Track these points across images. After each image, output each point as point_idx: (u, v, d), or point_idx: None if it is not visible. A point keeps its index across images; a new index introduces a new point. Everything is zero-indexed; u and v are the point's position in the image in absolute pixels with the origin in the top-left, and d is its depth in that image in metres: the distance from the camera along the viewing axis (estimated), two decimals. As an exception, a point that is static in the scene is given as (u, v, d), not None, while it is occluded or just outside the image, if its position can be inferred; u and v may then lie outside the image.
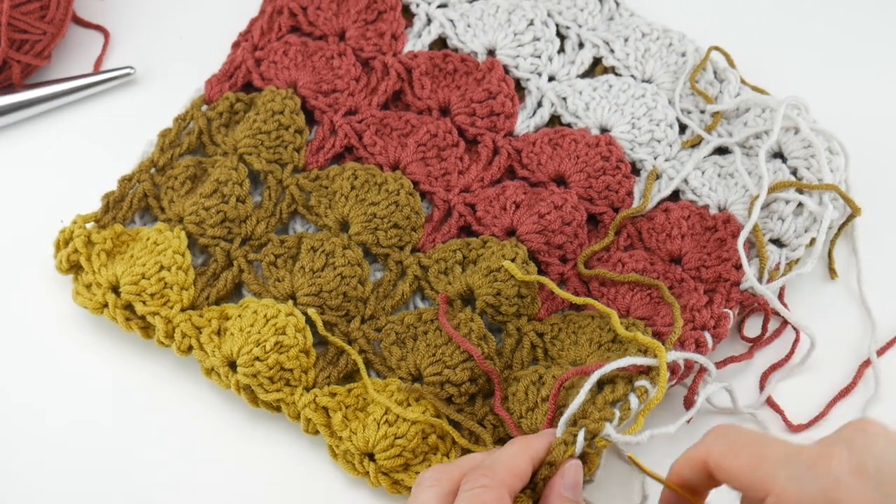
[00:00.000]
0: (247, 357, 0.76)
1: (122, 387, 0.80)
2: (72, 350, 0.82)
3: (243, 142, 0.86)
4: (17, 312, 0.84)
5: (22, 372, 0.81)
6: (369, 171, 0.85)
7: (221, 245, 0.82)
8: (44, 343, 0.82)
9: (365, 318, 0.81)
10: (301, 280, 0.80)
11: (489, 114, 0.89)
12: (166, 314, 0.79)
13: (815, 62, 0.99)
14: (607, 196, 0.86)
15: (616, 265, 0.82)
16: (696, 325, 0.79)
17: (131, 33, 0.99)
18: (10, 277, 0.85)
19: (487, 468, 0.64)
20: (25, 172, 0.91)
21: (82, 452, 0.78)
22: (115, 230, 0.82)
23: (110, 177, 0.86)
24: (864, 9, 1.03)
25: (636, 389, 0.71)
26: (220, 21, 0.98)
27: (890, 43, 1.02)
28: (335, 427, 0.76)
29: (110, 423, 0.79)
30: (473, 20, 0.94)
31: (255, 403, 0.78)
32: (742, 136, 0.88)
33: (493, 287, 0.79)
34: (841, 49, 1.00)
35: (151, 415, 0.79)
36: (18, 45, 0.91)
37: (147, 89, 0.95)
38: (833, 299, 0.87)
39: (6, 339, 0.82)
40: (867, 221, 0.88)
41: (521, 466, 0.65)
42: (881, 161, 0.92)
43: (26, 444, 0.78)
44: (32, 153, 0.92)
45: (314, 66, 0.91)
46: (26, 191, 0.89)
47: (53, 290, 0.84)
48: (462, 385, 0.77)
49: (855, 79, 0.98)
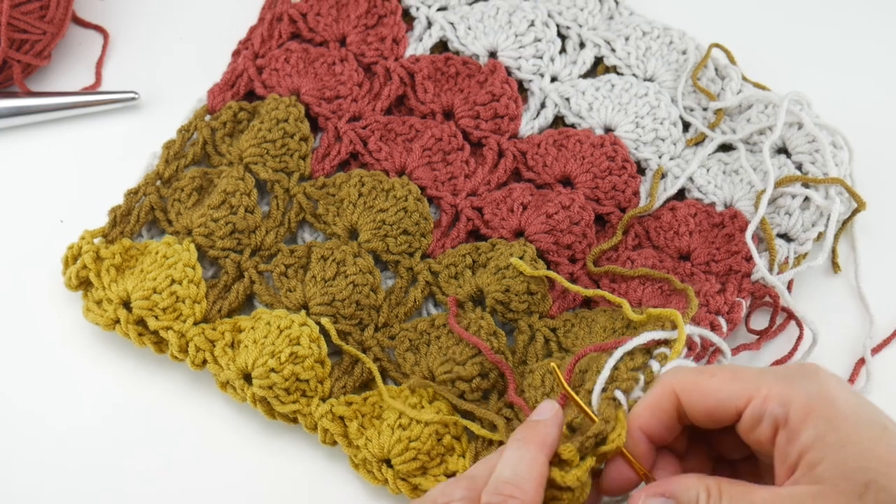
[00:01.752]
0: (262, 369, 0.75)
1: (136, 404, 0.80)
2: (82, 367, 0.82)
3: (249, 151, 0.86)
4: (24, 327, 0.84)
5: (33, 391, 0.81)
6: (376, 177, 0.85)
7: (231, 257, 0.82)
8: (52, 360, 0.82)
9: (378, 325, 0.81)
10: (313, 289, 0.80)
11: (493, 116, 0.89)
12: (179, 328, 0.78)
13: (814, 57, 1.00)
14: (614, 196, 0.86)
15: (625, 263, 0.83)
16: (710, 310, 0.78)
17: (131, 33, 0.99)
18: (12, 285, 0.85)
19: (514, 486, 0.58)
20: (25, 172, 0.91)
21: (102, 470, 0.77)
22: (123, 245, 0.82)
23: (111, 176, 0.87)
24: (863, 1, 1.04)
25: (656, 356, 0.69)
26: (220, 21, 0.98)
27: (889, 36, 1.02)
28: (352, 436, 0.76)
29: (129, 442, 0.79)
30: (474, 22, 0.94)
31: (271, 416, 0.78)
32: (746, 132, 0.88)
33: (501, 284, 0.79)
34: (840, 43, 1.01)
35: (167, 431, 0.79)
36: (18, 45, 0.91)
37: (147, 89, 0.95)
38: (835, 294, 0.88)
39: (13, 357, 0.82)
40: (865, 215, 0.88)
41: (544, 471, 0.60)
42: (883, 155, 0.93)
43: (44, 464, 0.78)
44: (31, 156, 0.92)
45: (316, 72, 0.91)
46: (25, 191, 0.90)
47: (59, 303, 0.84)
48: (472, 380, 0.77)
49: (855, 73, 0.99)
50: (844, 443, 0.52)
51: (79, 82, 0.96)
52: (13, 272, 0.86)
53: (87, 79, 0.96)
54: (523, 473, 0.58)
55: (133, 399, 0.80)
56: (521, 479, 0.58)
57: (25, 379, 0.81)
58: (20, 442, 0.78)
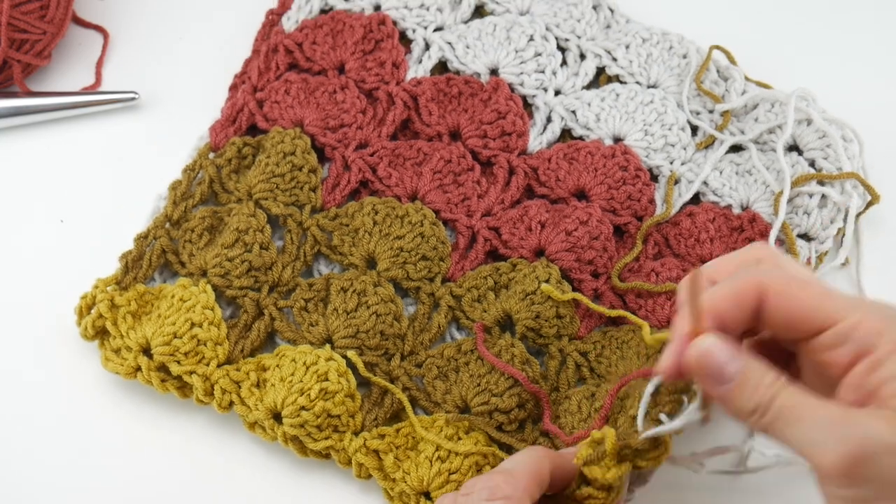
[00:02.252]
0: (292, 407, 0.74)
1: (163, 451, 0.79)
2: (100, 419, 0.80)
3: (258, 187, 0.85)
4: (24, 326, 0.83)
5: (56, 450, 0.79)
6: (389, 204, 0.84)
7: (250, 295, 0.81)
8: (71, 413, 0.80)
9: (404, 354, 0.80)
10: (336, 322, 0.79)
11: (501, 134, 0.88)
12: (203, 372, 0.77)
13: (813, 53, 0.99)
14: (630, 206, 0.85)
15: (649, 275, 0.82)
16: None
17: (131, 33, 0.99)
18: (12, 285, 0.85)
19: (508, 474, 0.62)
20: (25, 172, 0.91)
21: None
22: (137, 290, 0.80)
23: (111, 176, 0.89)
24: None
25: None
26: (220, 21, 0.99)
27: (887, 30, 1.02)
28: (388, 469, 0.75)
29: (160, 492, 0.77)
30: (472, 41, 0.93)
31: (303, 454, 0.76)
32: (756, 132, 0.88)
33: (531, 311, 0.78)
34: (837, 37, 1.01)
35: (198, 477, 0.78)
36: (18, 45, 0.90)
37: (147, 89, 0.95)
38: (844, 287, 0.87)
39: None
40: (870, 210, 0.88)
41: (543, 472, 0.63)
42: (888, 148, 0.93)
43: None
44: (31, 156, 0.92)
45: (318, 102, 0.90)
46: (25, 191, 0.90)
47: (59, 303, 0.83)
48: (511, 412, 0.76)
49: (855, 67, 0.99)
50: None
51: (79, 82, 0.95)
52: (13, 272, 0.85)
53: (87, 79, 0.96)
54: (519, 464, 0.63)
55: (157, 447, 0.79)
56: (515, 466, 0.63)
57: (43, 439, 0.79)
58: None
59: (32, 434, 0.79)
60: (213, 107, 0.92)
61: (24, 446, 0.78)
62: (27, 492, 0.77)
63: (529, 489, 0.62)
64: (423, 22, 0.95)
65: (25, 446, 0.78)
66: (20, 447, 0.78)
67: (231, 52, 0.96)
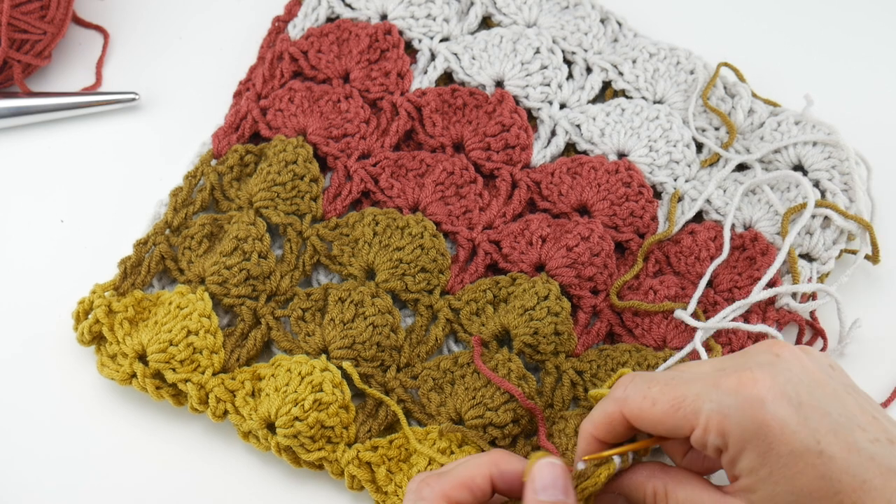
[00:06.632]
0: (286, 418, 0.74)
1: (157, 458, 0.78)
2: (95, 425, 0.80)
3: (259, 195, 0.84)
4: (23, 328, 0.83)
5: (50, 456, 0.79)
6: (389, 215, 0.84)
7: (247, 304, 0.81)
8: (66, 420, 0.80)
9: (400, 366, 0.79)
10: (332, 333, 0.79)
11: (504, 147, 0.88)
12: (198, 380, 0.77)
13: (822, 68, 0.99)
14: (632, 222, 0.85)
15: (647, 293, 0.81)
16: (733, 348, 0.78)
17: (131, 33, 0.99)
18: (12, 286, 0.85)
19: (435, 477, 0.64)
20: (25, 172, 0.91)
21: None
22: (135, 296, 0.80)
23: (111, 176, 0.90)
24: (861, 8, 1.03)
25: None
26: (220, 21, 0.99)
27: (890, 42, 1.01)
28: (380, 482, 0.74)
29: (153, 499, 0.77)
30: (478, 52, 0.92)
31: (297, 464, 0.76)
32: (762, 152, 0.87)
33: (529, 326, 0.78)
34: (845, 51, 1.00)
35: (191, 486, 0.77)
36: (18, 45, 0.91)
37: (147, 89, 0.95)
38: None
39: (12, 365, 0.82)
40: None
41: (477, 479, 0.63)
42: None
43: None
44: (31, 156, 0.92)
45: (322, 111, 0.89)
46: (25, 191, 0.90)
47: (59, 304, 0.83)
48: (505, 427, 0.75)
49: (863, 84, 0.98)
50: (777, 478, 0.57)
51: (79, 82, 0.96)
52: (13, 272, 0.85)
53: (87, 79, 0.96)
54: (454, 468, 0.64)
55: (151, 454, 0.79)
56: (449, 469, 0.64)
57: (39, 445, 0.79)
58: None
59: (26, 437, 0.79)
60: (213, 107, 0.92)
61: (20, 448, 0.78)
62: (20, 496, 0.77)
63: (450, 494, 0.62)
64: (430, 32, 0.94)
65: (20, 448, 0.78)
66: (14, 450, 0.78)
67: (231, 53, 0.96)
